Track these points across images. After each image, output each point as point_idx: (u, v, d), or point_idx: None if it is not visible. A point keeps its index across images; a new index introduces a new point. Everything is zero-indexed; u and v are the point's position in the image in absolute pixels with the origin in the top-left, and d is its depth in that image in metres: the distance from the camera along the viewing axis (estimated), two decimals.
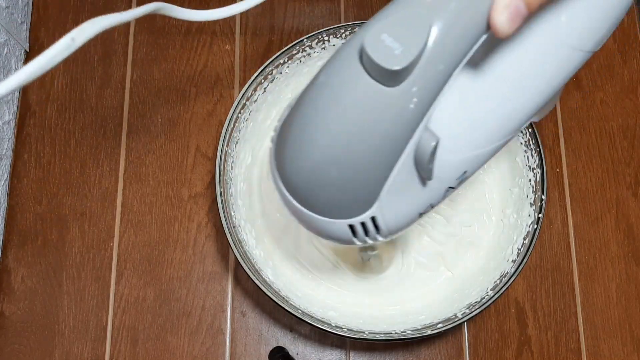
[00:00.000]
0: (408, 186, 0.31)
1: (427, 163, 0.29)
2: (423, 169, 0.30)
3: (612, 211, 0.62)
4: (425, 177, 0.31)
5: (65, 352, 0.57)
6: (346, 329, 0.48)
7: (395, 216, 0.32)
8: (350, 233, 0.33)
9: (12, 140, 0.62)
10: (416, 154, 0.29)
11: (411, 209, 0.33)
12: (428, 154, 0.29)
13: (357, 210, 0.31)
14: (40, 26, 0.65)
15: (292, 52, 0.53)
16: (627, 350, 0.58)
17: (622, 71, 0.66)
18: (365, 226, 0.32)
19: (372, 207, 0.31)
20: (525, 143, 0.53)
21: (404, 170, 0.30)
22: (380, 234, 0.33)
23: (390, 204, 0.31)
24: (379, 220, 0.32)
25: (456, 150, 0.32)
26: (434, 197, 0.34)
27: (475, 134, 0.33)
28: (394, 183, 0.30)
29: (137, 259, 0.59)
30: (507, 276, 0.49)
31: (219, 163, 0.50)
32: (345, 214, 0.31)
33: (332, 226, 0.32)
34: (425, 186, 0.32)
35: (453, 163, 0.33)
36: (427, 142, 0.29)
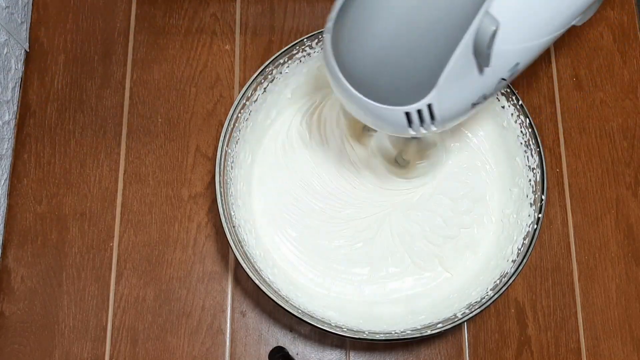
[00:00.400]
0: (465, 74, 0.32)
1: (487, 47, 0.30)
2: (481, 55, 0.30)
3: (612, 211, 0.62)
4: (483, 63, 0.31)
5: (65, 352, 0.57)
6: (346, 329, 0.48)
7: (450, 105, 0.33)
8: (406, 121, 0.33)
9: (12, 140, 0.62)
10: (476, 38, 0.30)
11: (466, 98, 0.34)
12: (488, 38, 0.29)
13: (416, 96, 0.31)
14: (40, 26, 0.65)
15: (292, 52, 0.53)
16: (627, 350, 0.58)
17: (622, 71, 0.66)
18: (421, 114, 0.32)
19: (430, 93, 0.31)
20: (525, 143, 0.53)
21: (463, 56, 0.30)
22: (435, 123, 0.33)
23: (447, 91, 0.31)
24: (435, 108, 0.32)
25: (512, 39, 0.33)
26: (487, 87, 0.34)
27: (531, 24, 0.33)
28: (453, 69, 0.30)
29: (137, 259, 0.59)
30: (507, 276, 0.49)
31: (219, 163, 0.50)
32: (403, 101, 0.32)
33: (389, 114, 0.32)
34: (481, 74, 0.33)
35: (508, 52, 0.33)
36: (488, 26, 0.29)
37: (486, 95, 0.35)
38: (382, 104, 0.32)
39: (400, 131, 0.34)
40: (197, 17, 0.66)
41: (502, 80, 0.35)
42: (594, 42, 0.67)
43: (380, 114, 0.33)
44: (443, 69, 0.30)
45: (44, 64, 0.64)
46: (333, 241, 0.57)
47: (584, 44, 0.67)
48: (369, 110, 0.33)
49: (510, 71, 0.35)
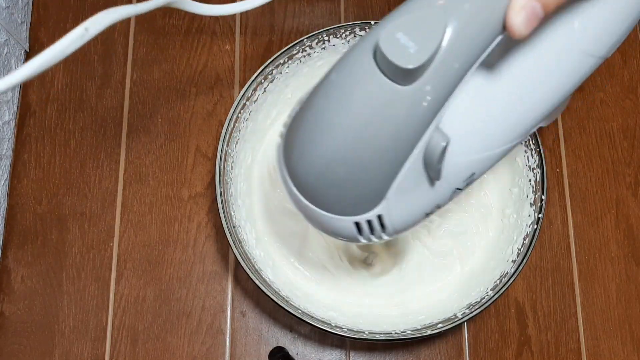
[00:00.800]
0: (416, 186, 0.31)
1: (437, 163, 0.29)
2: (432, 169, 0.30)
3: (612, 211, 0.62)
4: (434, 177, 0.31)
5: (65, 352, 0.57)
6: (346, 329, 0.48)
7: (401, 215, 0.32)
8: (356, 230, 0.33)
9: (12, 140, 0.62)
10: (426, 154, 0.29)
11: (418, 209, 0.33)
12: (438, 154, 0.29)
13: (364, 208, 0.31)
14: (40, 26, 0.65)
15: (292, 52, 0.53)
16: (627, 350, 0.58)
17: (622, 71, 0.66)
18: (371, 224, 0.32)
19: (379, 205, 0.31)
20: (525, 143, 0.53)
21: (413, 169, 0.30)
22: (386, 232, 0.33)
23: (398, 202, 0.31)
24: (385, 218, 0.32)
25: (465, 152, 0.32)
26: (440, 198, 0.34)
27: (485, 136, 0.33)
28: (402, 182, 0.30)
29: (137, 259, 0.59)
30: (507, 276, 0.50)
31: (219, 163, 0.50)
32: (352, 211, 0.32)
33: (338, 223, 0.32)
34: (433, 186, 0.32)
35: (461, 164, 0.33)
36: (438, 142, 0.29)
37: (440, 205, 0.35)
38: (331, 214, 0.32)
39: (352, 240, 0.34)
40: (197, 17, 0.66)
41: (457, 190, 0.34)
42: None
43: (330, 224, 0.33)
44: (391, 184, 0.30)
45: None
46: (333, 241, 0.57)
47: None
48: (318, 220, 0.33)
49: (466, 181, 0.34)
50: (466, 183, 0.34)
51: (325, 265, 0.56)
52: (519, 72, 0.32)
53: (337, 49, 0.55)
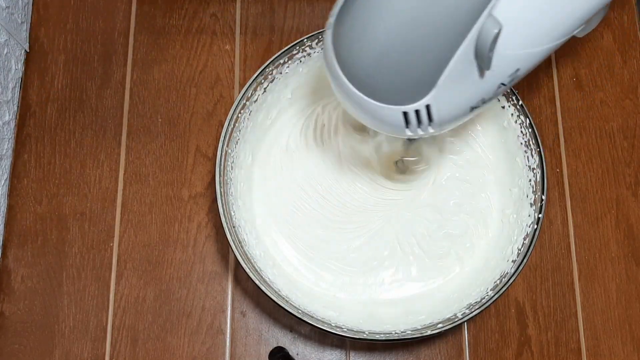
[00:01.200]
0: (465, 76, 0.31)
1: (488, 50, 0.30)
2: (483, 57, 0.30)
3: (612, 211, 0.62)
4: (484, 66, 0.31)
5: (65, 352, 0.57)
6: (346, 329, 0.48)
7: (448, 106, 0.33)
8: (404, 121, 0.33)
9: (12, 140, 0.62)
10: (478, 40, 0.30)
11: (464, 101, 0.34)
12: (490, 40, 0.29)
13: (414, 96, 0.31)
14: (40, 26, 0.65)
15: (292, 52, 0.53)
16: (627, 350, 0.58)
17: (622, 71, 0.66)
18: (419, 115, 0.32)
19: (429, 94, 0.31)
20: (525, 143, 0.53)
21: (464, 58, 0.30)
22: (432, 125, 0.33)
23: (446, 93, 0.31)
24: (433, 109, 0.32)
25: (513, 45, 0.32)
26: (487, 91, 0.34)
27: (533, 31, 0.33)
28: (453, 70, 0.30)
29: (137, 259, 0.59)
30: (507, 276, 0.49)
31: (219, 163, 0.50)
32: (401, 100, 0.31)
33: (387, 113, 0.32)
34: (481, 78, 0.32)
35: (509, 58, 0.33)
36: (491, 28, 0.29)
37: (485, 100, 0.35)
38: (380, 103, 0.32)
39: (398, 132, 0.34)
40: (197, 17, 0.66)
41: (501, 85, 0.35)
42: (594, 42, 0.67)
43: (378, 113, 0.33)
44: (443, 70, 0.30)
45: (44, 64, 0.64)
46: (333, 241, 0.57)
47: (584, 44, 0.67)
48: (366, 109, 0.33)
49: (511, 76, 0.34)
50: (511, 79, 0.34)
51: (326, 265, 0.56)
52: None
53: None
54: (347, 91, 0.33)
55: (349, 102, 0.34)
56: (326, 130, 0.59)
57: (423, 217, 0.58)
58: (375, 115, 0.33)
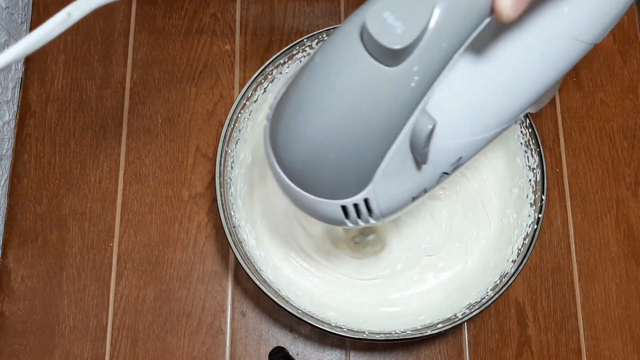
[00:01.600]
0: (402, 169, 0.31)
1: (423, 146, 0.29)
2: (418, 153, 0.30)
3: (612, 211, 0.62)
4: (421, 160, 0.31)
5: (65, 352, 0.57)
6: (346, 329, 0.48)
7: (388, 199, 0.32)
8: (343, 214, 0.32)
9: (12, 140, 0.62)
10: (412, 137, 0.29)
11: (404, 193, 0.33)
12: (424, 137, 0.29)
13: (351, 191, 0.31)
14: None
15: (292, 52, 0.53)
16: (628, 351, 0.58)
17: (622, 71, 0.66)
18: (357, 208, 0.32)
19: (366, 189, 0.31)
20: (525, 143, 0.53)
21: (399, 153, 0.30)
22: (373, 216, 0.33)
23: (384, 186, 0.31)
24: (372, 202, 0.32)
25: (452, 135, 0.32)
26: (427, 182, 0.34)
27: (473, 120, 0.33)
28: (389, 165, 0.30)
29: (137, 259, 0.59)
30: (507, 276, 0.50)
31: (219, 163, 0.50)
32: (338, 195, 0.31)
33: (325, 206, 0.32)
34: (420, 170, 0.32)
35: (448, 148, 0.33)
36: (424, 124, 0.29)
37: (427, 189, 0.34)
38: (318, 197, 0.32)
39: (338, 224, 0.34)
40: (197, 17, 0.66)
41: (444, 174, 0.34)
42: None
43: (316, 207, 0.33)
44: (378, 167, 0.30)
45: (44, 64, 0.64)
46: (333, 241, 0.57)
47: None
48: (305, 202, 0.33)
49: (453, 165, 0.34)
50: (453, 167, 0.34)
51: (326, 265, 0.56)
52: (507, 57, 0.32)
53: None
54: (284, 185, 0.33)
55: (288, 195, 0.34)
56: None
57: (423, 217, 0.58)
58: (314, 209, 0.33)
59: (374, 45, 0.26)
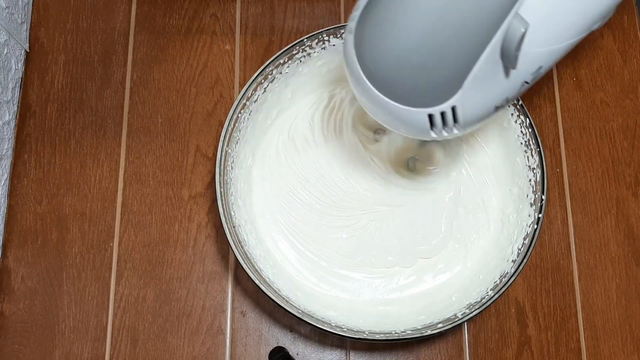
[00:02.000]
0: (491, 76, 0.31)
1: (515, 49, 0.29)
2: (509, 57, 0.30)
3: (612, 211, 0.62)
4: (510, 65, 0.31)
5: (65, 352, 0.57)
6: (346, 329, 0.48)
7: (474, 107, 0.32)
8: (429, 123, 0.32)
9: (12, 140, 0.62)
10: (505, 40, 0.29)
11: (489, 101, 0.33)
12: (517, 40, 0.29)
13: (440, 98, 0.31)
14: (40, 26, 0.65)
15: (292, 52, 0.53)
16: (627, 351, 0.58)
17: (622, 71, 0.66)
18: (444, 116, 0.32)
19: (455, 95, 0.31)
20: (525, 143, 0.53)
21: (490, 58, 0.29)
22: (457, 126, 0.33)
23: (472, 94, 0.31)
24: (459, 110, 0.31)
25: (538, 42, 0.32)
26: (510, 90, 0.34)
27: (557, 27, 0.33)
28: (479, 71, 0.30)
29: (137, 259, 0.59)
30: (507, 276, 0.49)
31: (219, 163, 0.50)
32: (427, 102, 0.31)
33: (412, 116, 0.32)
34: (506, 77, 0.32)
35: (533, 55, 0.33)
36: (518, 27, 0.29)
37: (509, 99, 0.35)
38: (405, 106, 0.32)
39: (422, 134, 0.34)
40: (197, 17, 0.66)
41: (525, 83, 0.34)
42: (594, 42, 0.67)
43: (402, 116, 0.32)
44: (470, 72, 0.30)
45: (44, 64, 0.64)
46: (334, 241, 0.57)
47: (584, 44, 0.66)
48: (390, 112, 0.32)
49: (534, 74, 0.34)
50: (534, 76, 0.34)
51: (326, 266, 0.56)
52: None
53: (337, 49, 0.55)
54: (370, 94, 0.32)
55: (372, 105, 0.33)
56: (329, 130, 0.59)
57: (423, 217, 0.58)
58: (400, 118, 0.33)
59: None
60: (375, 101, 0.32)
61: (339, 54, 0.56)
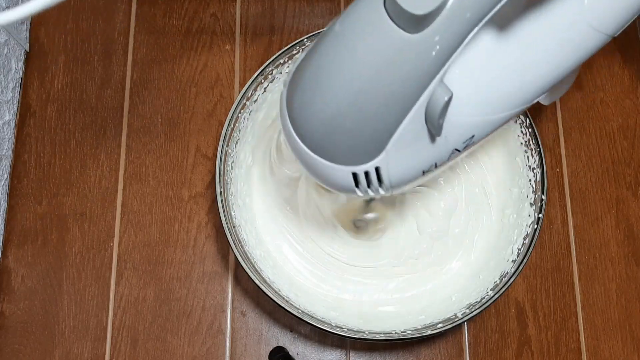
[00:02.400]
0: (415, 140, 0.31)
1: (438, 117, 0.30)
2: (433, 124, 0.30)
3: (612, 211, 0.62)
4: (435, 132, 0.31)
5: (65, 352, 0.57)
6: (346, 328, 0.48)
7: (399, 170, 0.33)
8: (353, 182, 0.33)
9: (12, 140, 0.62)
10: (428, 107, 0.30)
11: (415, 165, 0.34)
12: (440, 107, 0.29)
13: (363, 158, 0.31)
14: (40, 26, 0.65)
15: (292, 52, 0.53)
16: (628, 351, 0.58)
17: (622, 71, 0.66)
18: (368, 176, 0.32)
19: (378, 157, 0.31)
20: (525, 143, 0.53)
21: (414, 123, 0.30)
22: (382, 186, 0.33)
23: (396, 156, 0.31)
24: (383, 171, 0.32)
25: (467, 111, 0.32)
26: (439, 157, 0.34)
27: (488, 98, 0.33)
28: (402, 135, 0.30)
29: (137, 259, 0.59)
30: (507, 276, 0.49)
31: (219, 163, 0.50)
32: (351, 161, 0.32)
33: (337, 172, 0.33)
34: (432, 143, 0.33)
35: (462, 124, 0.33)
36: (441, 95, 0.29)
37: (438, 164, 0.35)
38: (330, 163, 0.32)
39: (348, 191, 0.34)
40: (197, 17, 0.66)
41: (455, 151, 0.34)
42: None
43: (328, 173, 0.33)
44: (392, 135, 0.30)
45: (44, 64, 0.64)
46: (334, 241, 0.57)
47: None
48: (317, 168, 0.33)
49: (465, 143, 0.34)
50: (465, 145, 0.34)
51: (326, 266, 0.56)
52: (527, 39, 0.32)
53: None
54: (299, 150, 0.33)
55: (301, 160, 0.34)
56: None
57: (423, 217, 0.58)
58: (326, 174, 0.34)
59: (397, 11, 0.26)
60: (304, 157, 0.33)
61: None
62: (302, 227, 0.57)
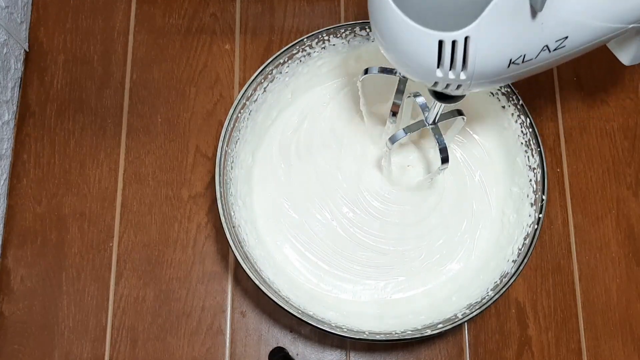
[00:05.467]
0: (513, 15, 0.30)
1: None
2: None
3: (613, 211, 0.62)
4: (535, 6, 0.30)
5: (65, 353, 0.57)
6: (346, 329, 0.48)
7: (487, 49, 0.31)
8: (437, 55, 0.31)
9: (12, 140, 0.61)
10: None
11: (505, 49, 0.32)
12: None
13: (456, 22, 0.30)
14: (40, 26, 0.65)
15: (292, 52, 0.53)
16: (628, 351, 0.58)
17: (622, 71, 0.66)
18: (455, 48, 0.31)
19: (471, 24, 0.30)
20: (525, 143, 0.53)
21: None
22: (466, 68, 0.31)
23: (489, 28, 0.30)
24: (471, 45, 0.31)
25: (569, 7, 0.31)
26: (529, 47, 0.33)
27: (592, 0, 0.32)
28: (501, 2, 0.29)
29: (136, 259, 0.59)
30: (508, 276, 0.49)
31: (219, 163, 0.50)
32: (442, 25, 0.30)
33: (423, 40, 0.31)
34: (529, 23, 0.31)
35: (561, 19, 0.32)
36: None
37: (525, 58, 0.33)
38: (419, 25, 0.31)
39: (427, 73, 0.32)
40: (197, 17, 0.66)
41: (546, 48, 0.33)
42: None
43: (413, 41, 0.31)
44: None
45: (43, 64, 0.64)
46: (333, 241, 0.57)
47: None
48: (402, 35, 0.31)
49: (557, 43, 0.33)
50: (557, 45, 0.33)
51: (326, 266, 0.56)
52: None
53: (337, 48, 0.55)
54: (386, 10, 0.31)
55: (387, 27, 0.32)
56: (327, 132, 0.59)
57: (424, 218, 0.58)
58: (410, 45, 0.32)
59: None
60: (390, 19, 0.31)
61: (339, 54, 0.56)
62: (303, 227, 0.57)
